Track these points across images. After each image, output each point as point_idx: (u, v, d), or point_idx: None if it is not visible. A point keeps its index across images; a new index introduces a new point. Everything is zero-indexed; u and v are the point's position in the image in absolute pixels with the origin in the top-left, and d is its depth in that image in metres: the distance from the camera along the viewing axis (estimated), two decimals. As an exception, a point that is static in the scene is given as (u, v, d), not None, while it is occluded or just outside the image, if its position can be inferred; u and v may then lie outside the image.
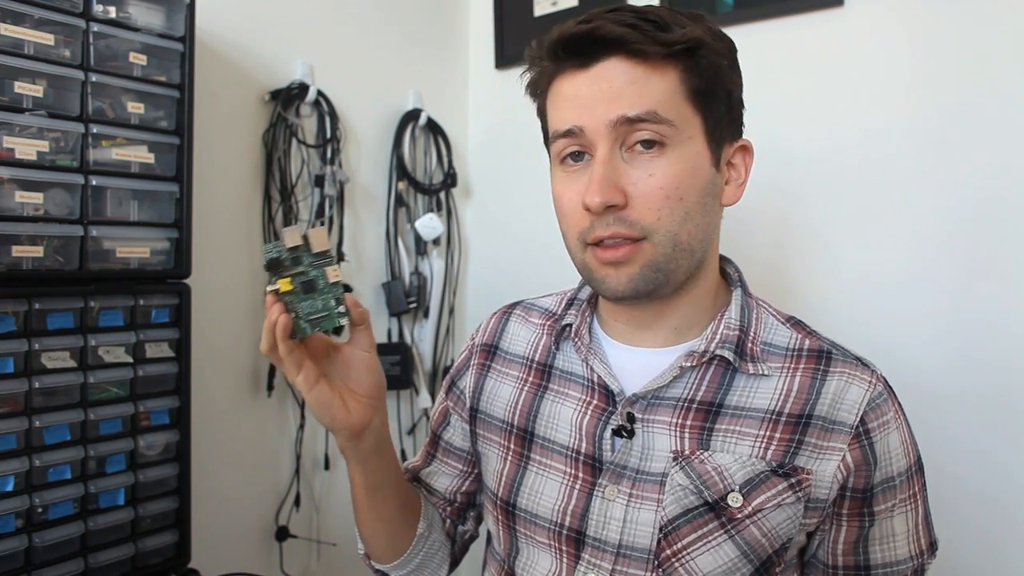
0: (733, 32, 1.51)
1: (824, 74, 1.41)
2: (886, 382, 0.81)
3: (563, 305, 0.93)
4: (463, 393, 0.97)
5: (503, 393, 0.92)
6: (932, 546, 0.82)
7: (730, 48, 0.80)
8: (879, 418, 0.78)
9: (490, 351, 0.96)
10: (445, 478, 1.00)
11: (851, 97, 1.38)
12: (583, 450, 0.83)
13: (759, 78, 1.48)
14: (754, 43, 1.48)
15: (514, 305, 1.00)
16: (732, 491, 0.76)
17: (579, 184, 0.77)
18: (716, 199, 0.80)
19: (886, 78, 1.34)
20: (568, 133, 0.77)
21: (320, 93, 1.59)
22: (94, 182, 1.12)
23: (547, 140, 0.84)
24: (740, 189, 0.83)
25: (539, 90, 0.83)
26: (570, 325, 0.89)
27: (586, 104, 0.75)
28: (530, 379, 0.91)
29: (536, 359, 0.92)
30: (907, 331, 1.32)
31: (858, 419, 0.77)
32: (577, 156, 0.78)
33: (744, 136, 0.84)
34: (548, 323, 0.93)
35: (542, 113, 0.84)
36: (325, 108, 1.61)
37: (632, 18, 0.75)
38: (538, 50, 0.80)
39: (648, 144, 0.74)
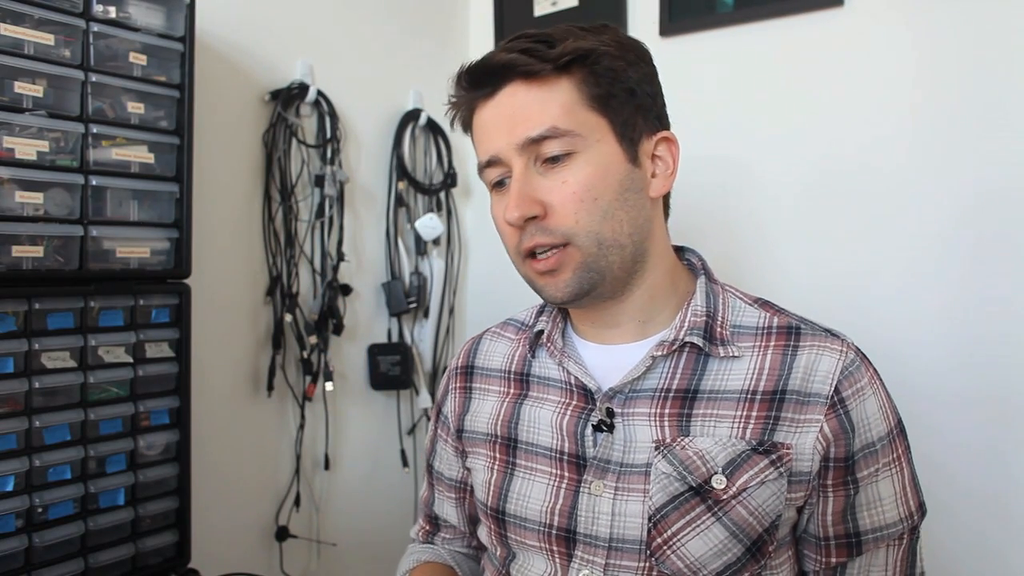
0: (733, 32, 1.53)
1: (824, 74, 1.41)
2: (858, 350, 0.82)
3: (534, 314, 0.96)
4: (447, 418, 1.00)
5: (486, 409, 0.94)
6: (921, 507, 0.83)
7: (629, 50, 0.83)
8: (853, 385, 0.78)
9: (467, 372, 0.99)
10: (450, 508, 1.03)
11: (851, 97, 1.38)
12: (566, 449, 0.84)
13: (759, 78, 1.49)
14: (754, 43, 1.49)
15: (485, 330, 1.03)
16: (715, 473, 0.77)
17: (505, 204, 0.81)
18: (640, 193, 0.82)
19: (886, 78, 1.34)
20: (489, 163, 0.83)
21: (320, 93, 1.59)
22: (94, 182, 1.12)
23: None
24: (670, 179, 0.86)
25: (466, 125, 0.87)
26: (542, 331, 0.91)
27: (496, 132, 0.81)
28: (510, 390, 0.93)
29: (513, 369, 0.94)
30: (907, 331, 1.32)
31: (832, 389, 0.78)
32: (501, 181, 0.83)
33: (670, 129, 0.86)
34: (523, 336, 0.96)
35: (473, 144, 0.89)
36: (325, 108, 1.61)
37: (524, 43, 0.80)
38: (455, 88, 0.85)
39: (554, 159, 0.79)
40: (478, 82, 0.82)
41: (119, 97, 1.15)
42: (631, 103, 0.82)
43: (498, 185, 0.84)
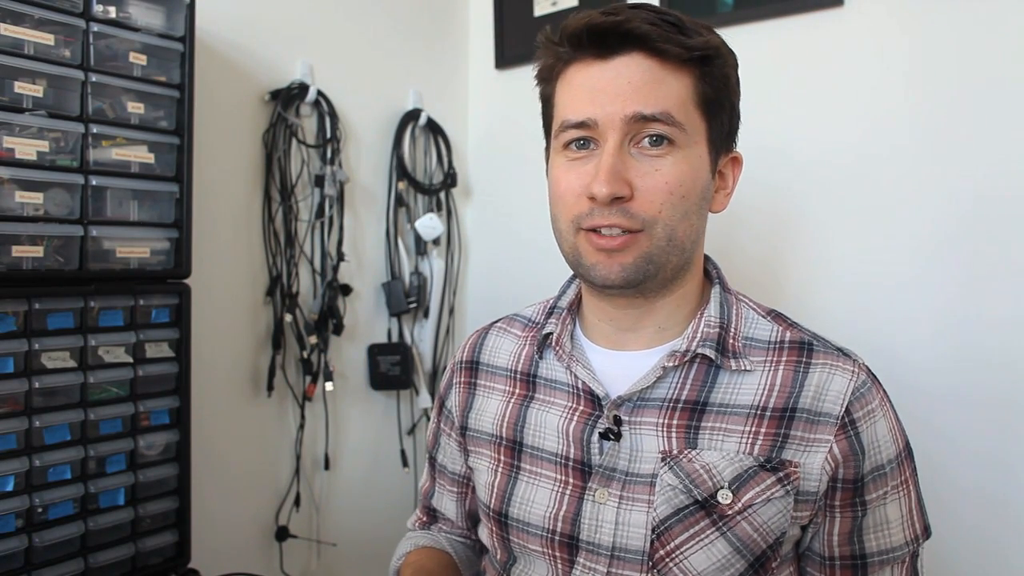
0: (733, 32, 1.53)
1: (824, 74, 1.41)
2: (869, 371, 0.81)
3: (543, 314, 0.94)
4: (451, 412, 0.99)
5: (490, 407, 0.93)
6: (926, 530, 0.83)
7: (737, 61, 0.82)
8: (864, 407, 0.78)
9: (473, 367, 0.98)
10: (450, 503, 1.02)
11: (850, 97, 1.38)
12: (572, 455, 0.83)
13: (759, 78, 1.49)
14: (754, 43, 1.49)
15: (492, 323, 1.01)
16: (721, 488, 0.76)
17: (582, 171, 0.78)
18: (708, 204, 0.82)
19: (885, 78, 1.34)
20: (581, 124, 0.78)
21: (320, 93, 1.59)
22: (94, 182, 1.12)
23: (548, 124, 0.85)
24: (727, 199, 0.86)
25: (552, 75, 0.83)
26: (551, 334, 0.89)
27: (603, 96, 0.76)
28: (516, 391, 0.91)
29: (520, 369, 0.93)
30: (906, 331, 1.32)
31: (843, 409, 0.77)
32: (582, 143, 0.79)
33: (737, 148, 0.86)
34: (530, 334, 0.94)
35: (548, 98, 0.84)
36: (325, 108, 1.61)
37: (656, 17, 0.76)
38: (556, 35, 0.80)
39: (657, 141, 0.76)
40: (598, 41, 0.77)
41: (119, 97, 1.15)
42: (729, 115, 0.82)
43: (572, 145, 0.80)
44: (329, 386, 1.62)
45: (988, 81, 1.24)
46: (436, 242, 1.84)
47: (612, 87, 0.76)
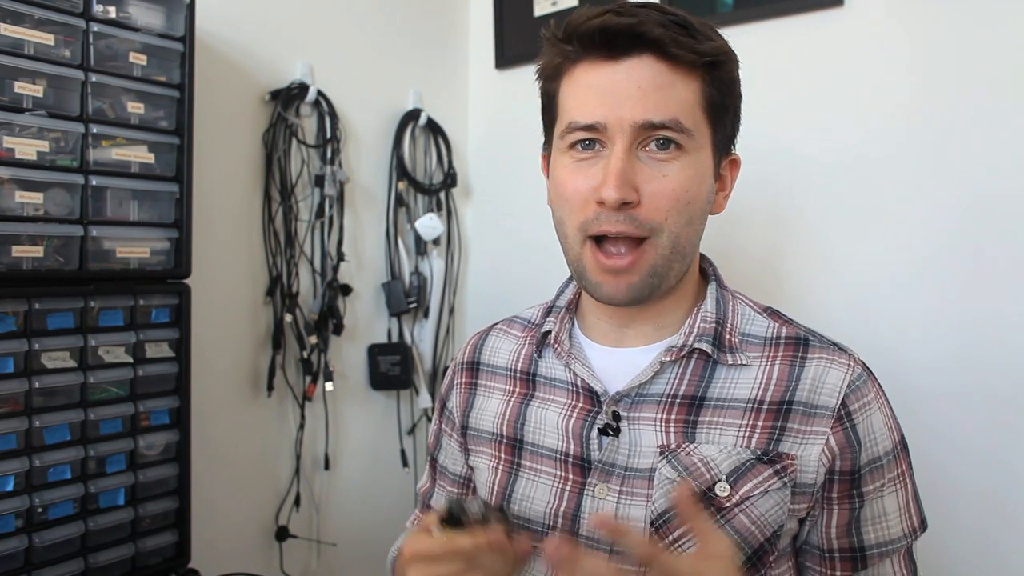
0: (733, 32, 1.51)
1: (823, 74, 1.41)
2: (864, 365, 0.82)
3: (541, 314, 0.95)
4: (452, 413, 0.99)
5: (491, 407, 0.93)
6: (923, 523, 0.83)
7: (738, 65, 0.82)
8: (860, 400, 0.79)
9: (473, 368, 0.98)
10: None
11: (850, 97, 1.38)
12: (571, 452, 0.84)
13: (759, 78, 1.48)
14: (754, 43, 1.48)
15: (492, 325, 1.02)
16: (719, 481, 0.77)
17: (589, 173, 0.78)
18: (709, 207, 0.83)
19: (885, 78, 1.34)
20: (590, 127, 0.77)
21: (320, 93, 1.59)
22: (94, 182, 1.12)
23: (551, 122, 0.84)
24: (725, 200, 0.86)
25: (557, 73, 0.82)
26: (550, 332, 0.90)
27: (612, 99, 0.76)
28: (516, 389, 0.92)
29: (519, 368, 0.93)
30: (906, 330, 1.32)
31: (839, 402, 0.78)
32: (588, 144, 0.79)
33: (735, 149, 0.86)
34: (530, 334, 0.95)
35: (551, 96, 0.84)
36: (325, 108, 1.61)
37: (666, 19, 0.76)
38: (561, 32, 0.80)
39: (665, 144, 0.76)
40: (610, 42, 0.76)
41: (119, 97, 1.15)
42: (732, 119, 0.82)
43: (578, 146, 0.79)
44: (329, 386, 1.62)
45: (988, 81, 1.24)
46: (436, 242, 1.84)
47: (621, 90, 0.76)
